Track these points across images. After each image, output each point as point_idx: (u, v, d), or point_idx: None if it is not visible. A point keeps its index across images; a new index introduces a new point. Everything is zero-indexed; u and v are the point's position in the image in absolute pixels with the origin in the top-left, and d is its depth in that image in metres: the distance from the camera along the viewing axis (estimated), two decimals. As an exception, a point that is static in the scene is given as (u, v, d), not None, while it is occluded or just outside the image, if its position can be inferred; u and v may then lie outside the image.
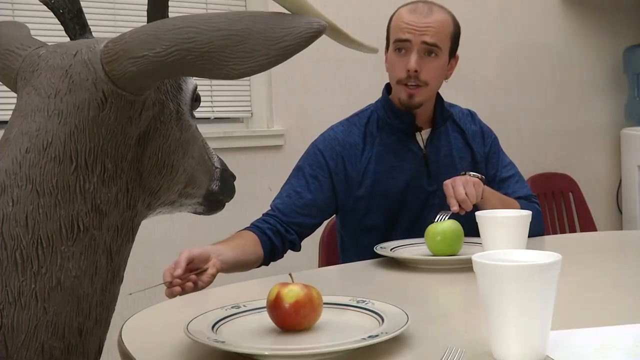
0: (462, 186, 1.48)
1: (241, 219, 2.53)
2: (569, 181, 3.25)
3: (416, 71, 1.60)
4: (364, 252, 1.60)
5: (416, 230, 1.62)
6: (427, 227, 1.48)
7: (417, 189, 1.67)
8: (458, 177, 1.53)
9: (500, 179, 1.73)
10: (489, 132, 1.79)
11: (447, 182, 1.51)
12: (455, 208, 1.47)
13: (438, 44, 1.61)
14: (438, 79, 1.66)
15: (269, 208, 1.67)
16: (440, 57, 1.63)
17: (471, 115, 1.80)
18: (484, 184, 1.55)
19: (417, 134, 1.70)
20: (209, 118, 2.55)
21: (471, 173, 1.57)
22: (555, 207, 3.18)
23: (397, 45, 1.63)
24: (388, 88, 1.74)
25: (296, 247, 1.65)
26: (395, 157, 1.67)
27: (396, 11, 1.68)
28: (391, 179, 1.66)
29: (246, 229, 1.61)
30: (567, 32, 3.35)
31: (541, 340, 0.81)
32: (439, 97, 1.73)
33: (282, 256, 1.62)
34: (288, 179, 1.69)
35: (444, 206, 1.56)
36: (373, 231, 1.67)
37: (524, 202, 1.69)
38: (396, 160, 1.67)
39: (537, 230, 1.59)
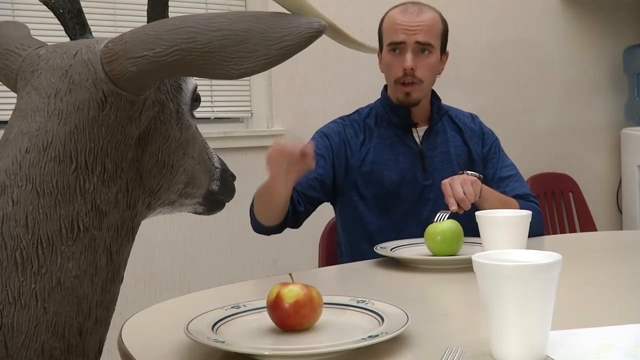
0: (460, 185, 1.49)
1: (241, 219, 2.54)
2: (569, 181, 3.25)
3: (412, 69, 1.66)
4: (360, 247, 1.63)
5: (410, 223, 1.65)
6: (422, 220, 1.49)
7: (411, 183, 1.70)
8: (456, 177, 1.53)
9: (499, 177, 1.75)
10: (489, 134, 1.82)
11: (445, 182, 1.52)
12: (453, 207, 1.48)
13: (430, 42, 1.68)
14: (432, 76, 1.73)
15: None
16: (433, 54, 1.70)
17: (472, 117, 1.85)
18: (482, 182, 1.56)
19: (414, 129, 1.75)
20: (209, 118, 2.55)
21: (469, 172, 1.58)
22: (555, 207, 3.18)
23: (391, 47, 1.70)
24: (386, 89, 1.80)
25: (299, 222, 1.67)
26: (391, 151, 1.73)
27: (386, 14, 1.76)
28: (386, 171, 1.71)
29: None
30: (567, 32, 3.35)
31: (541, 340, 0.81)
32: (435, 95, 1.79)
33: (284, 228, 1.64)
34: None
35: (438, 201, 1.57)
36: (367, 221, 1.70)
37: (521, 201, 1.70)
38: (392, 154, 1.73)
39: (536, 229, 1.59)
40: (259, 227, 1.62)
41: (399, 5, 1.74)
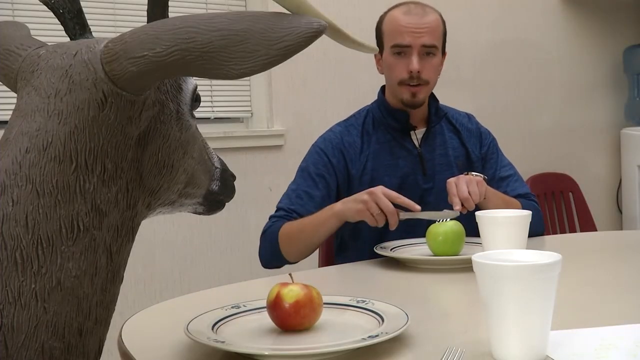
0: (466, 185, 1.49)
1: (241, 219, 2.55)
2: (569, 181, 3.25)
3: (418, 72, 1.65)
4: (362, 250, 1.62)
5: (411, 227, 1.63)
6: (422, 224, 1.49)
7: (412, 186, 1.69)
8: (461, 176, 1.54)
9: (499, 177, 1.75)
10: (487, 134, 1.82)
11: (451, 181, 1.52)
12: (457, 207, 1.47)
13: (435, 44, 1.68)
14: (436, 76, 1.73)
15: (279, 210, 1.67)
16: (437, 55, 1.70)
17: (468, 117, 1.85)
18: (486, 184, 1.56)
19: (412, 132, 1.74)
20: (209, 118, 2.55)
21: (473, 173, 1.58)
22: (555, 207, 3.18)
23: (396, 49, 1.68)
24: (383, 91, 1.79)
25: None
26: (390, 155, 1.72)
27: (386, 14, 1.74)
28: (387, 176, 1.69)
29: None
30: (567, 32, 3.35)
31: (541, 340, 0.81)
32: (433, 96, 1.78)
33: None
34: (294, 180, 1.71)
35: (439, 204, 1.57)
36: (368, 229, 1.68)
37: (523, 200, 1.70)
38: (392, 158, 1.71)
39: (537, 229, 1.59)
40: (276, 264, 1.63)
41: (399, 5, 1.72)
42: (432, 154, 1.73)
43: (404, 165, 1.71)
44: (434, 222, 1.47)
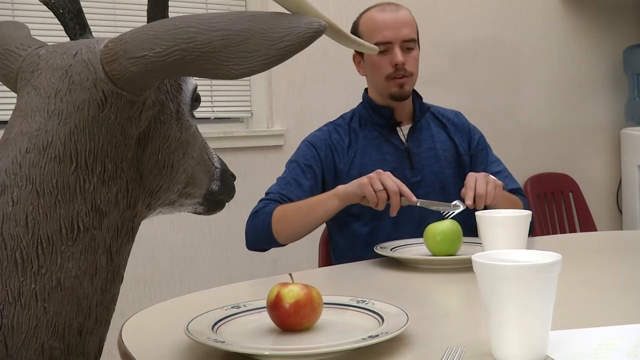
0: (485, 183, 1.49)
1: (241, 219, 2.53)
2: (569, 181, 3.26)
3: (403, 63, 1.70)
4: (354, 243, 1.66)
5: (402, 222, 1.64)
6: (414, 217, 1.51)
7: (400, 180, 1.70)
8: (483, 173, 1.54)
9: (491, 173, 1.76)
10: (475, 129, 1.86)
11: (472, 174, 1.53)
12: (469, 202, 1.48)
13: (414, 37, 1.73)
14: (418, 68, 1.77)
15: (269, 194, 1.70)
16: (415, 49, 1.75)
17: (455, 113, 1.88)
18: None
19: (398, 129, 1.78)
20: (209, 118, 2.55)
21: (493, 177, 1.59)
22: (555, 207, 3.18)
23: (379, 47, 1.69)
24: (367, 92, 1.84)
25: None
26: (378, 151, 1.75)
27: (360, 17, 1.79)
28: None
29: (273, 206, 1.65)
30: (567, 32, 3.36)
31: (541, 340, 0.81)
32: (416, 93, 1.82)
33: None
34: (284, 172, 1.76)
35: (428, 197, 1.58)
36: (359, 223, 1.71)
37: (519, 197, 1.73)
38: (379, 154, 1.75)
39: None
40: (263, 245, 1.66)
41: (373, 6, 1.76)
42: (419, 148, 1.76)
43: (391, 160, 1.73)
44: (432, 221, 1.48)
